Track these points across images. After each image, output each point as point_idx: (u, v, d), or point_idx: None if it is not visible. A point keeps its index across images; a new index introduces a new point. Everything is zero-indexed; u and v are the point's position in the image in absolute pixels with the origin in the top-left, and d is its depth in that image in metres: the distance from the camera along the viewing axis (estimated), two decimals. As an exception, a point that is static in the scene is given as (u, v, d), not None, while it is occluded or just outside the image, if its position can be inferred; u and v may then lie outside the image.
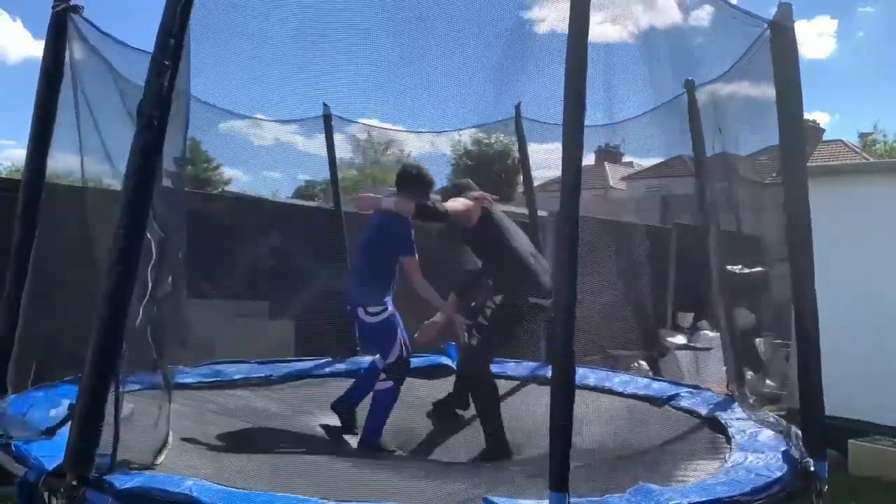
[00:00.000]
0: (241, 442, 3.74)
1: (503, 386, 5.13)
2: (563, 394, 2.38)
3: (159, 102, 2.45)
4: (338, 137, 6.04)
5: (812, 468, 3.06)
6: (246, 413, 4.29)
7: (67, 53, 3.36)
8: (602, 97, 3.54)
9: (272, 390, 4.84)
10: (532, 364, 5.56)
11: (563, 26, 2.53)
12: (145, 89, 2.47)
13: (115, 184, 3.17)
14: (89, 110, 3.42)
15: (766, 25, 3.28)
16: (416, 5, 3.31)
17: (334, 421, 4.38)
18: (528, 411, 4.37)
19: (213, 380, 4.76)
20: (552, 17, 2.88)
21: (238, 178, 10.35)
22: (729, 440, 3.74)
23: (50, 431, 3.00)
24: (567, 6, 2.48)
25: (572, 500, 2.37)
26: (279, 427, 4.21)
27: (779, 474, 3.00)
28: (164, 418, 2.94)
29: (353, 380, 4.62)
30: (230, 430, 3.89)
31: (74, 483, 2.40)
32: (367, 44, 3.39)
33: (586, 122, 2.54)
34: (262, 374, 4.99)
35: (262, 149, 5.79)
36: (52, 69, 3.36)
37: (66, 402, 3.23)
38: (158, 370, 2.93)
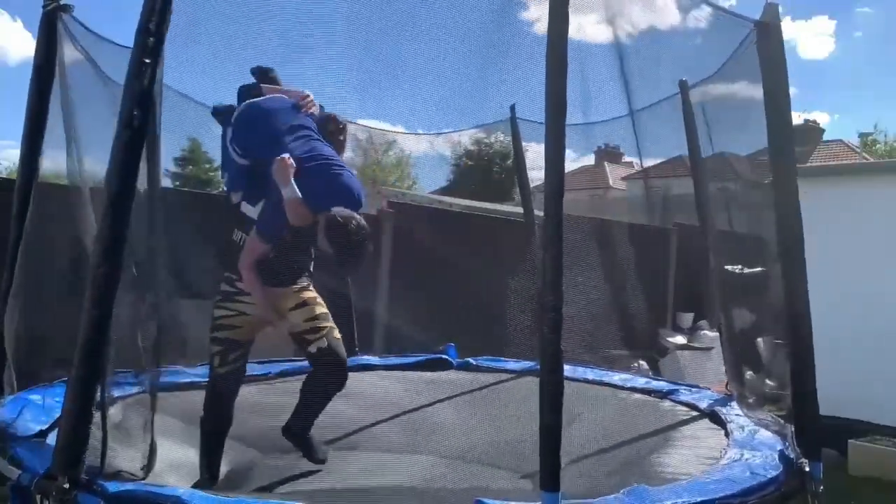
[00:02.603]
0: (236, 444, 3.73)
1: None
2: (552, 392, 2.36)
3: (139, 101, 2.43)
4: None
5: (807, 468, 3.04)
6: (242, 414, 4.27)
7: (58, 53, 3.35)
8: (584, 98, 3.53)
9: (269, 391, 4.82)
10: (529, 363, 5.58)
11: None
12: (125, 88, 2.46)
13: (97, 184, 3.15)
14: (77, 110, 3.40)
15: (752, 26, 3.28)
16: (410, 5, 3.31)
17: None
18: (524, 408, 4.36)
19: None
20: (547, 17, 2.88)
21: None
22: (725, 439, 3.74)
23: (42, 434, 2.99)
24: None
25: (565, 502, 2.35)
26: (276, 429, 4.19)
27: (774, 474, 2.99)
28: (149, 427, 2.89)
29: None
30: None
31: (66, 486, 2.39)
32: (360, 43, 3.38)
33: (582, 122, 2.55)
34: (259, 374, 4.97)
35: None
36: (44, 68, 3.34)
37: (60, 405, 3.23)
38: (143, 375, 2.92)
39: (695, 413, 4.36)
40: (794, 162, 3.22)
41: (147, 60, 2.41)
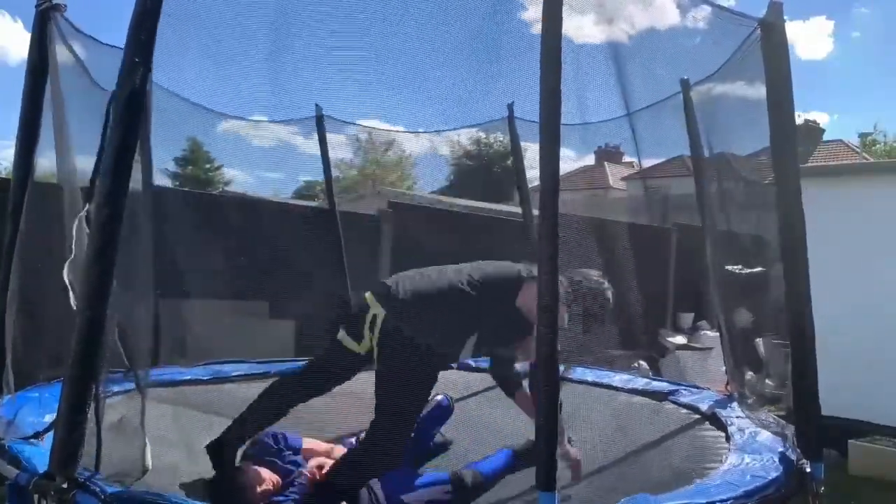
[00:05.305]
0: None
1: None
2: (549, 393, 2.35)
3: (131, 101, 2.41)
4: (337, 138, 6.04)
5: (808, 469, 3.03)
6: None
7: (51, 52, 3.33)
8: (581, 98, 3.53)
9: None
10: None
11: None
12: (116, 87, 2.44)
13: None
14: (67, 110, 3.38)
15: (755, 25, 3.27)
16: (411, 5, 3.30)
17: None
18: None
19: (210, 379, 4.75)
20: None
21: (238, 179, 10.38)
22: (727, 440, 3.73)
23: (39, 434, 2.98)
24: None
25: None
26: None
27: (774, 475, 2.98)
28: (141, 426, 2.88)
29: None
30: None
31: (64, 486, 2.38)
32: (360, 43, 3.37)
33: (580, 122, 2.54)
34: (259, 373, 4.96)
35: (259, 150, 5.77)
36: (38, 67, 3.33)
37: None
38: (131, 374, 2.90)
39: (696, 416, 4.34)
40: (796, 161, 3.21)
41: (138, 59, 2.39)
